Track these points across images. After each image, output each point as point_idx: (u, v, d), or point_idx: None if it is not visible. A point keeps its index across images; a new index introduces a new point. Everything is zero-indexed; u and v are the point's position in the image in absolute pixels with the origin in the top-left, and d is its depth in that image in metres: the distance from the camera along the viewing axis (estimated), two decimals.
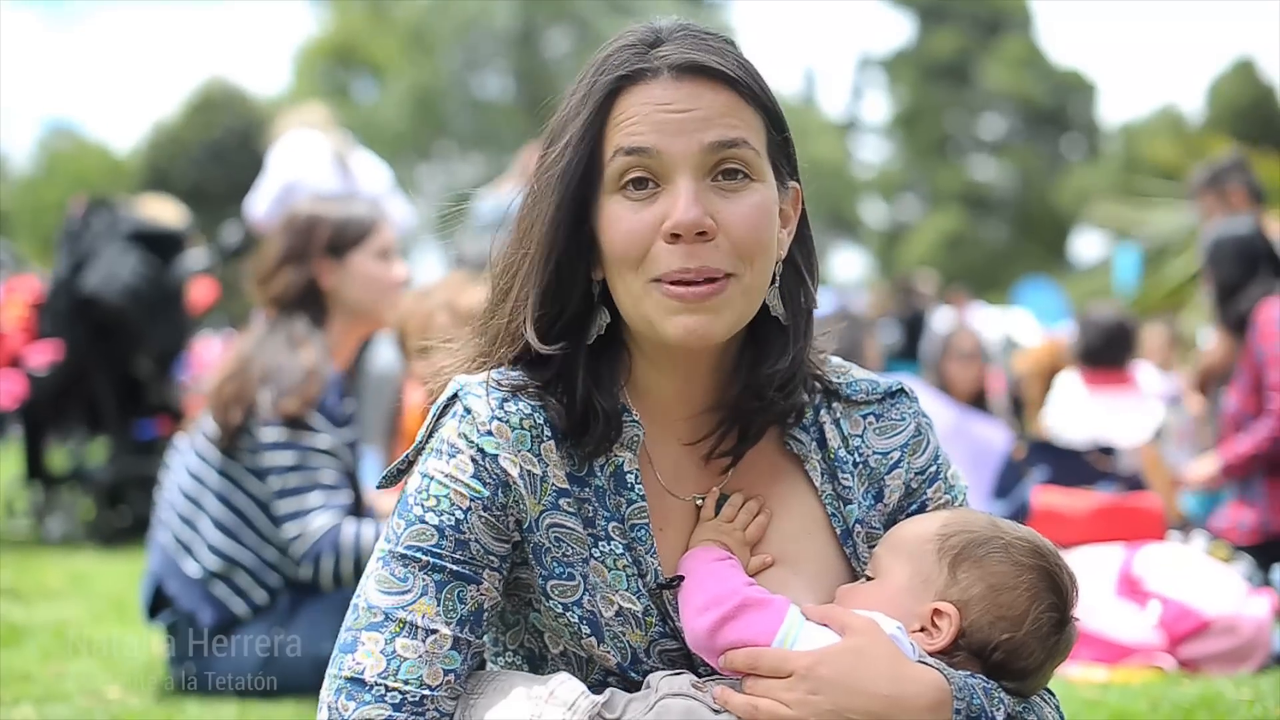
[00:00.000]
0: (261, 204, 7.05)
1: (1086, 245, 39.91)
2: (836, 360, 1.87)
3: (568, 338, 1.70)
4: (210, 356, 9.49)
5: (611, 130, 1.64)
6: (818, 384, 1.82)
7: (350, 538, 3.47)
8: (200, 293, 8.02)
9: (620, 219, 1.64)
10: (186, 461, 3.74)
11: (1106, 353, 7.31)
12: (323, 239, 3.82)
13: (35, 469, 7.42)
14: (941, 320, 12.26)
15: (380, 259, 3.88)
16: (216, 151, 29.29)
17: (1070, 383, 7.54)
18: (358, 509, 3.72)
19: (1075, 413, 7.35)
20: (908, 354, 11.77)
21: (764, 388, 1.73)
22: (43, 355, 7.19)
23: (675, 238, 1.61)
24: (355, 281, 3.83)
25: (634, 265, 1.64)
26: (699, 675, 1.67)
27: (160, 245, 7.16)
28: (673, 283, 1.62)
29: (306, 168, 6.91)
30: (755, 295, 1.68)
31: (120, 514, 7.09)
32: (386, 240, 3.92)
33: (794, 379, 1.76)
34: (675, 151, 1.62)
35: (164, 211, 8.13)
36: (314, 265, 3.81)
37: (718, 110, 1.63)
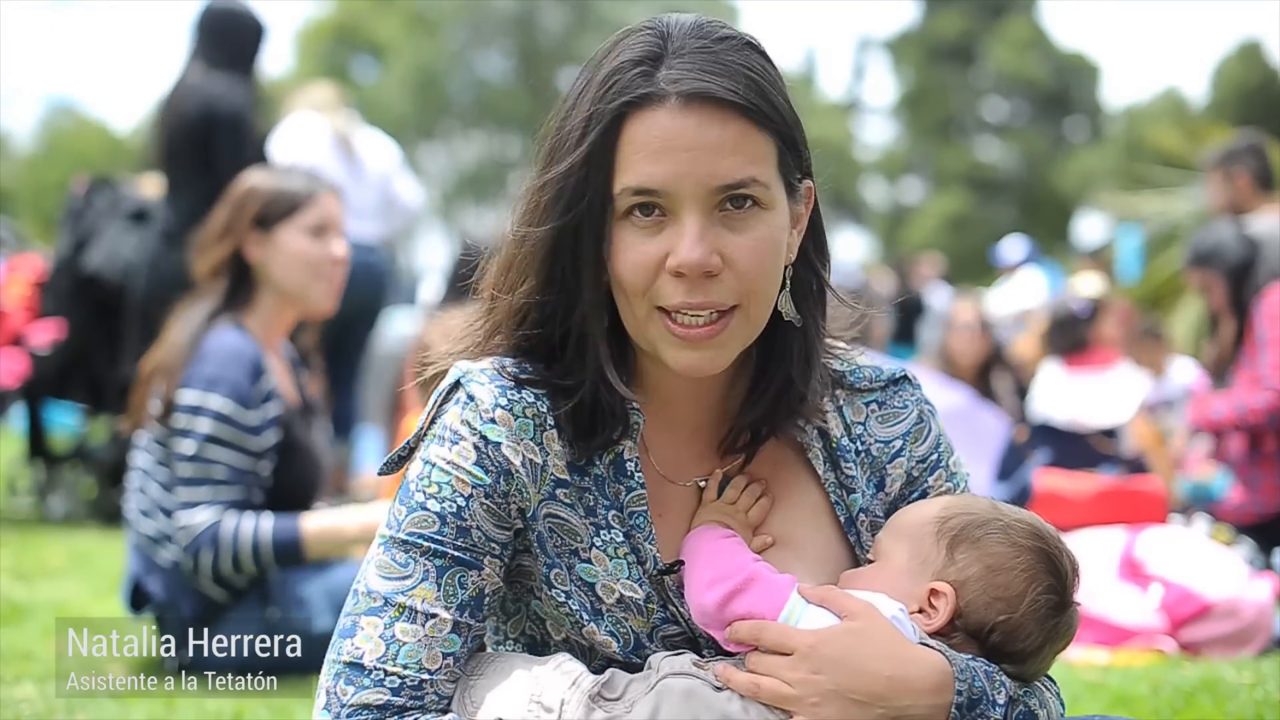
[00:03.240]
0: None
1: (1090, 228, 39.83)
2: (841, 345, 1.85)
3: (571, 330, 1.68)
4: None
5: (617, 157, 1.61)
6: (823, 372, 1.81)
7: (229, 533, 3.46)
8: None
9: (629, 248, 1.62)
10: (145, 455, 3.71)
11: (1075, 335, 7.42)
12: (252, 210, 3.69)
13: (37, 448, 7.42)
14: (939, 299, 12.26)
15: (313, 235, 3.73)
16: None
17: (1050, 369, 7.59)
18: (289, 477, 3.66)
19: (1057, 396, 7.40)
20: (903, 337, 11.77)
21: (792, 401, 1.73)
22: (45, 334, 7.17)
23: (681, 274, 1.60)
24: (281, 257, 3.70)
25: (640, 293, 1.63)
26: (701, 657, 1.67)
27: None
28: (675, 313, 1.61)
29: (307, 151, 6.87)
30: (758, 322, 1.67)
31: (122, 493, 7.07)
32: (324, 215, 3.75)
33: (813, 382, 1.75)
34: (682, 189, 1.59)
35: None
36: (242, 237, 3.70)
37: (727, 144, 1.59)
